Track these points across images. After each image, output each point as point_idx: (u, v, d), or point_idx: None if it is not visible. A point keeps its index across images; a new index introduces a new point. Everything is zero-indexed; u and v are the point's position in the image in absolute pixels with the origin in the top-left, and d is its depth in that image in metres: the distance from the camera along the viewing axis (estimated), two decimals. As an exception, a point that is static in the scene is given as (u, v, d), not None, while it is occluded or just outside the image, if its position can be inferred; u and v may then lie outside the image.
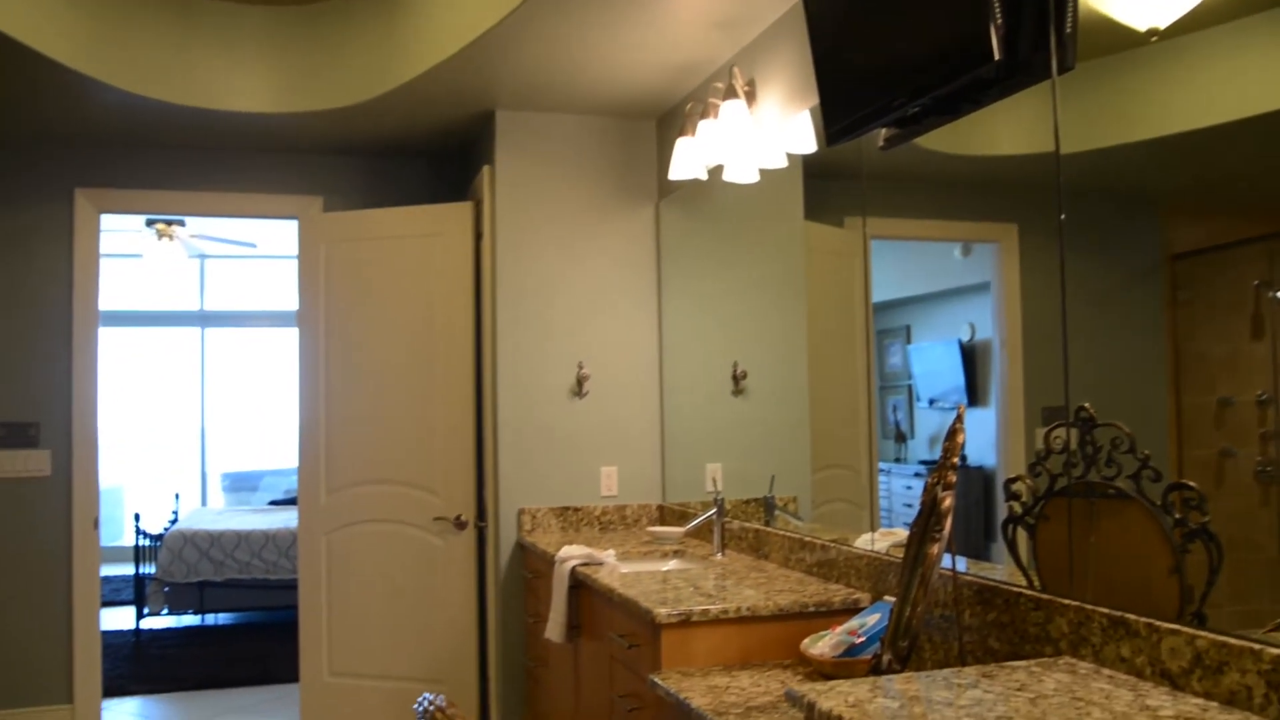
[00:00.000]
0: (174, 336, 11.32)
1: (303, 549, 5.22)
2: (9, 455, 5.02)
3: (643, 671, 2.99)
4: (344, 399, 5.13)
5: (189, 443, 11.38)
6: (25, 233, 5.09)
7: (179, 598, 7.59)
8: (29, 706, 5.01)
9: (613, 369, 4.84)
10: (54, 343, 5.11)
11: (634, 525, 4.82)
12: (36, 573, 5.04)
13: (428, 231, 5.01)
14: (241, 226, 9.06)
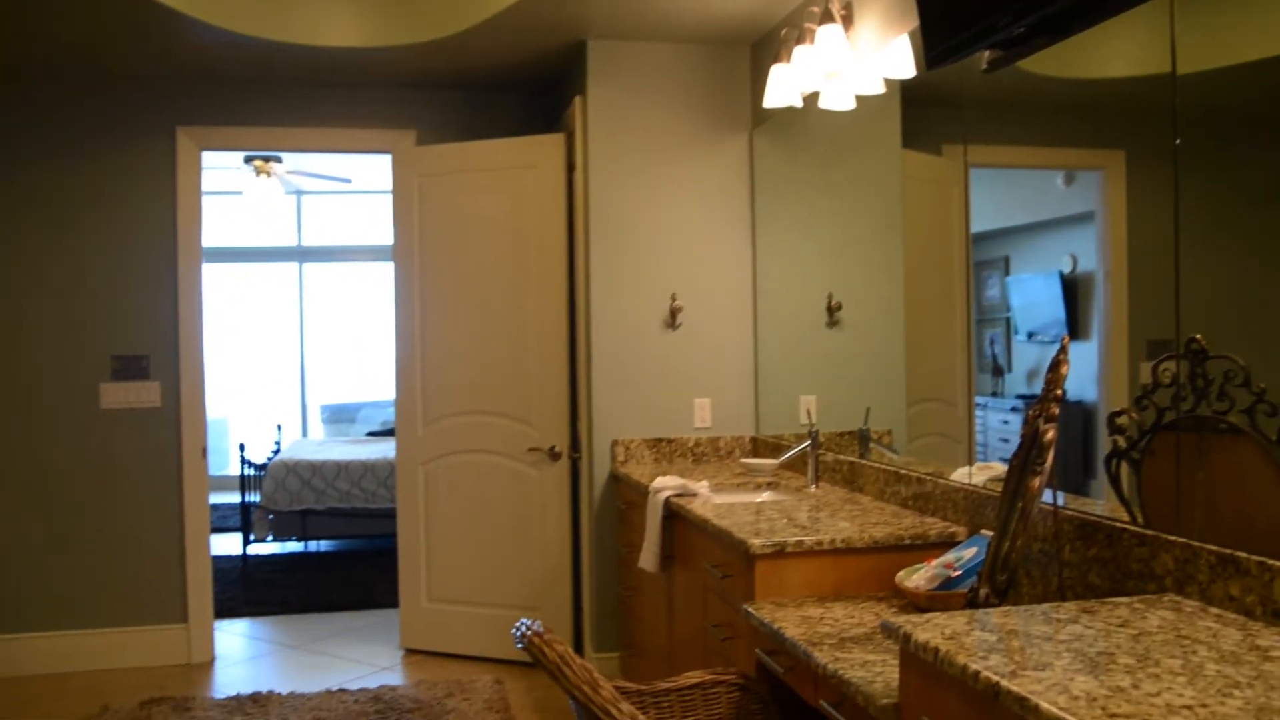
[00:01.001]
0: (273, 272, 11.56)
1: (401, 479, 5.35)
2: (122, 387, 5.20)
3: (736, 601, 3.01)
4: (439, 332, 5.21)
5: (289, 376, 11.67)
6: (131, 171, 5.22)
7: (283, 525, 7.85)
8: (149, 625, 5.25)
9: (706, 300, 4.82)
10: (161, 278, 5.25)
11: (727, 457, 4.83)
12: (151, 500, 5.24)
13: (520, 164, 5.02)
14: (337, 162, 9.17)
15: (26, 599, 5.15)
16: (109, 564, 5.21)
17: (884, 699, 2.00)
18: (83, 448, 5.18)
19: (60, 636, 5.17)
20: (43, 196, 5.14)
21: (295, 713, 4.45)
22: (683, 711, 2.69)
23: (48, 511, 5.16)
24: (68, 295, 5.16)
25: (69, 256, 5.17)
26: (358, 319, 11.54)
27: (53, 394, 5.15)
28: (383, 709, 4.44)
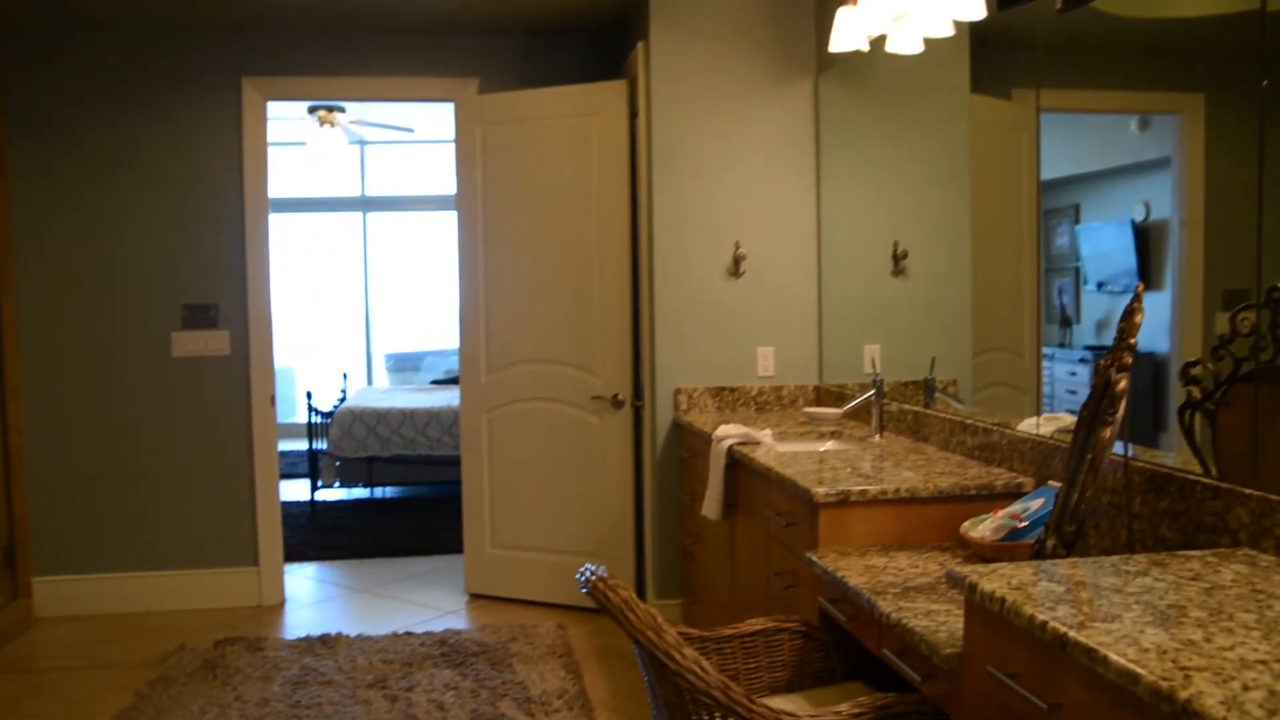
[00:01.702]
0: (337, 222, 11.67)
1: (464, 427, 5.40)
2: (192, 335, 5.30)
3: (799, 550, 3.02)
4: (502, 281, 5.23)
5: (354, 325, 11.81)
6: (198, 123, 5.28)
7: (349, 472, 7.98)
8: (222, 567, 5.39)
9: (770, 248, 4.78)
10: (229, 229, 5.32)
11: (790, 406, 4.82)
12: (223, 446, 5.36)
13: (582, 111, 5.00)
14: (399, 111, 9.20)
15: (108, 541, 5.30)
16: (183, 508, 5.35)
17: (948, 648, 2.00)
18: (156, 396, 5.30)
19: (139, 577, 5.32)
20: (114, 150, 5.22)
21: (363, 654, 4.55)
22: (745, 658, 2.70)
23: (125, 458, 5.30)
24: (139, 246, 5.26)
25: (140, 208, 5.25)
26: (421, 268, 11.63)
27: (127, 342, 5.27)
28: (448, 652, 4.52)
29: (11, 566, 5.21)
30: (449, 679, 4.22)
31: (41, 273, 5.20)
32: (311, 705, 4.00)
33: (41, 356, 5.21)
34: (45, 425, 5.24)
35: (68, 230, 5.21)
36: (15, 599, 5.18)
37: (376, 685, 4.19)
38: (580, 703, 3.97)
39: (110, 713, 4.02)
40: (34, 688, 4.33)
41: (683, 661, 2.10)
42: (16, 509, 5.20)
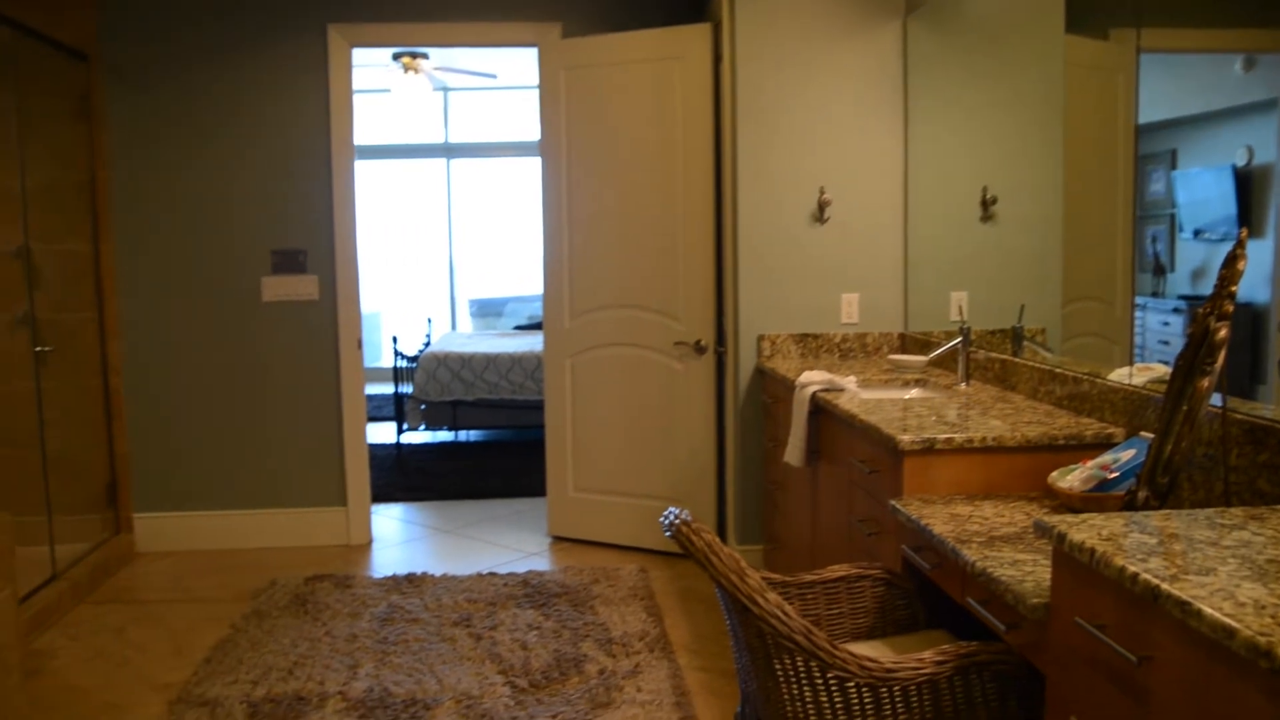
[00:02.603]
0: (421, 168, 11.76)
1: (548, 372, 5.45)
2: (282, 280, 5.40)
3: (882, 497, 3.00)
4: (586, 226, 5.24)
5: (438, 271, 11.94)
6: (284, 69, 5.34)
7: (434, 415, 8.11)
8: (312, 507, 5.54)
9: (855, 194, 4.72)
10: (315, 175, 5.39)
11: (874, 353, 4.77)
12: (312, 389, 5.48)
13: (666, 55, 4.95)
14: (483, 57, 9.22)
15: (203, 480, 5.47)
16: (275, 450, 5.49)
17: (1034, 598, 1.98)
18: (248, 340, 5.43)
19: (233, 515, 5.49)
20: (205, 99, 5.30)
21: (448, 593, 4.65)
22: (827, 604, 2.71)
23: (220, 401, 5.45)
24: (230, 192, 5.36)
25: (231, 155, 5.34)
26: (504, 214, 11.69)
27: (219, 287, 5.39)
28: (531, 592, 4.60)
29: (114, 503, 5.41)
30: (532, 619, 4.30)
31: (138, 220, 5.33)
32: (398, 641, 4.10)
33: (139, 301, 5.37)
34: (143, 368, 5.40)
35: (162, 178, 5.32)
36: (118, 534, 5.39)
37: (461, 623, 4.28)
38: (661, 645, 4.02)
39: (208, 643, 4.17)
40: (137, 617, 4.51)
41: (766, 606, 2.11)
42: (118, 448, 5.39)
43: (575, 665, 3.84)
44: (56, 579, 4.65)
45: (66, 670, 3.98)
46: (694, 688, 3.68)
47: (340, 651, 4.03)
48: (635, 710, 3.48)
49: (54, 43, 4.90)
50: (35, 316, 5.09)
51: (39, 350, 4.97)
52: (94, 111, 5.22)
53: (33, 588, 4.45)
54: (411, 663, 3.90)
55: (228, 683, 3.76)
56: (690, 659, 3.93)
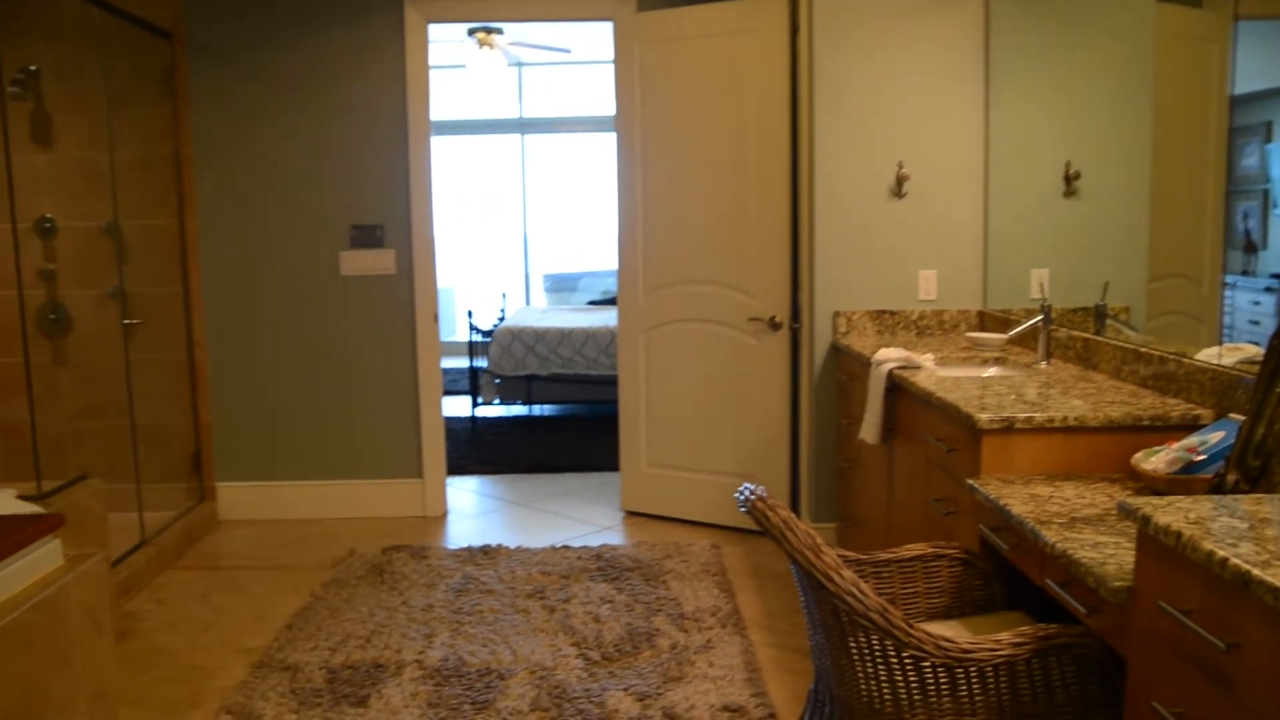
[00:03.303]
0: (496, 144, 11.82)
1: (622, 347, 5.46)
2: (361, 255, 5.47)
3: (960, 476, 2.97)
4: (660, 201, 5.22)
5: (513, 246, 12.01)
6: (362, 46, 5.38)
7: (508, 389, 8.18)
8: (388, 478, 5.62)
9: (934, 168, 4.64)
10: (392, 150, 5.44)
11: (952, 331, 4.71)
12: (390, 363, 5.55)
13: (742, 28, 4.91)
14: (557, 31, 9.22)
15: (283, 451, 5.58)
16: (353, 422, 5.58)
17: (1116, 581, 1.94)
18: (327, 314, 5.51)
19: (312, 486, 5.60)
20: (285, 75, 5.38)
21: (522, 565, 4.70)
22: (902, 582, 2.69)
23: (299, 373, 5.55)
24: (309, 167, 5.43)
25: (309, 131, 5.41)
26: (578, 190, 11.71)
27: (300, 261, 5.48)
28: (604, 566, 4.63)
29: (198, 472, 5.55)
30: (605, 592, 4.33)
31: (220, 195, 5.43)
32: (473, 612, 4.16)
33: (222, 275, 5.47)
34: (226, 341, 5.51)
35: (243, 154, 5.42)
36: (202, 502, 5.53)
37: (535, 595, 4.32)
38: (733, 621, 4.02)
39: (289, 610, 4.27)
40: (220, 583, 4.63)
41: (841, 583, 2.10)
42: (202, 418, 5.52)
43: (647, 639, 3.86)
44: (145, 545, 4.79)
45: (154, 633, 4.10)
46: (766, 664, 3.68)
47: (416, 621, 4.09)
48: (707, 685, 3.49)
49: (140, 22, 5.00)
50: (124, 290, 5.23)
51: (128, 323, 5.11)
52: (178, 89, 5.33)
53: (123, 552, 4.59)
54: (486, 633, 3.95)
55: (308, 649, 3.85)
56: (762, 635, 3.93)
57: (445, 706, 3.37)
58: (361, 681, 3.56)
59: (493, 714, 3.32)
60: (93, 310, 5.38)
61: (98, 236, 5.32)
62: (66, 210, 5.31)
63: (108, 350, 5.27)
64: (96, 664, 3.25)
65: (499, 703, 3.39)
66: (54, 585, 3.04)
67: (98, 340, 5.36)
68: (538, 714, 3.32)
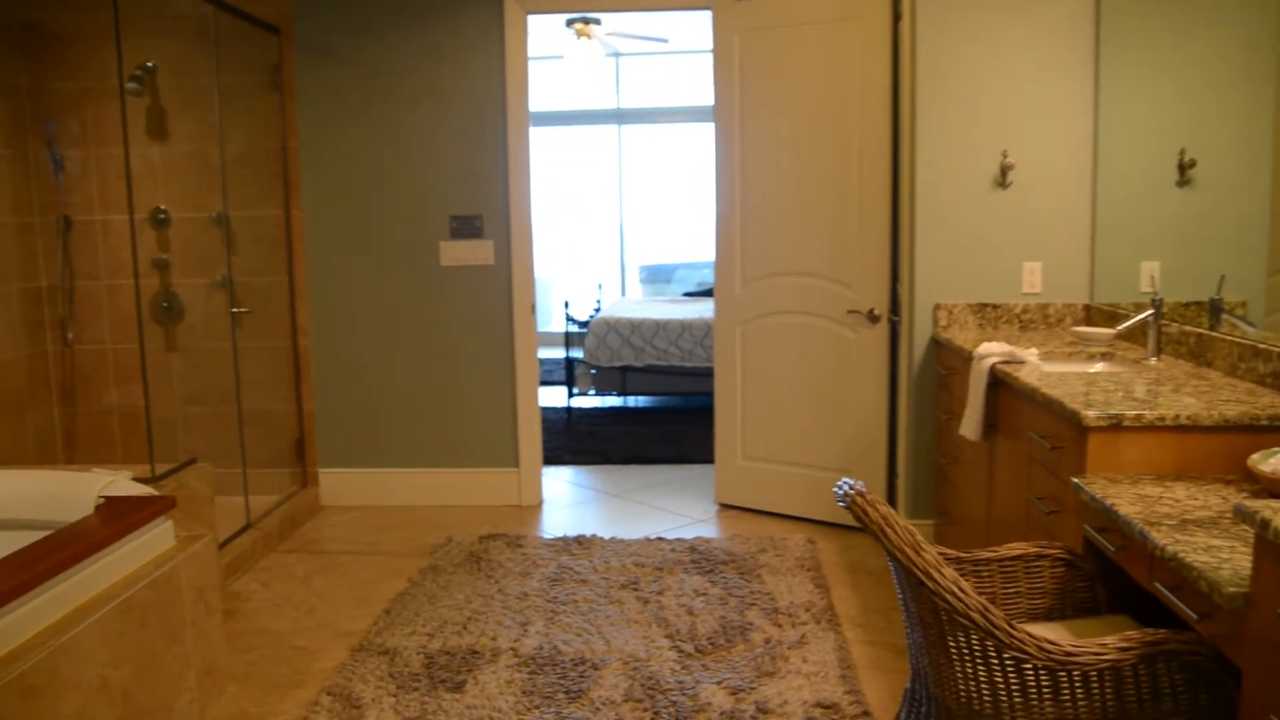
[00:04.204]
0: (592, 134, 11.87)
1: (718, 338, 5.44)
2: (460, 245, 5.54)
3: (1064, 474, 2.89)
4: (759, 192, 5.19)
5: (609, 237, 12.05)
6: (462, 38, 5.43)
7: (604, 380, 8.22)
8: (485, 467, 5.69)
9: (1040, 158, 4.53)
10: (491, 141, 5.49)
11: (1056, 325, 4.59)
12: (487, 353, 5.61)
13: (843, 15, 4.84)
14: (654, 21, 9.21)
15: (383, 439, 5.69)
16: (451, 411, 5.65)
17: (1231, 587, 1.87)
18: (426, 303, 5.59)
19: (410, 474, 5.69)
20: (387, 68, 5.45)
21: (616, 556, 4.72)
22: (1003, 582, 2.63)
23: (399, 363, 5.64)
24: (410, 159, 5.51)
25: (411, 123, 5.49)
26: (674, 180, 11.70)
27: (400, 252, 5.57)
28: (698, 559, 4.62)
29: (301, 458, 5.68)
30: (698, 585, 4.32)
31: (324, 186, 5.54)
32: (568, 601, 4.18)
33: (325, 265, 5.59)
34: (329, 329, 5.63)
35: (347, 146, 5.52)
36: (304, 487, 5.66)
37: (629, 586, 4.34)
38: (827, 616, 3.99)
39: (388, 594, 4.35)
40: (321, 567, 4.73)
41: (942, 581, 2.06)
42: (305, 405, 5.65)
43: (741, 633, 3.85)
44: (250, 528, 4.92)
45: (258, 613, 4.21)
46: (860, 661, 3.64)
47: (512, 609, 4.13)
48: (800, 681, 3.46)
49: (251, 18, 5.13)
50: (232, 279, 5.38)
51: (235, 311, 5.25)
52: (285, 83, 5.45)
53: (229, 535, 4.73)
54: (580, 623, 3.98)
55: (406, 634, 3.91)
56: (857, 632, 3.89)
57: (539, 694, 3.40)
58: (458, 667, 3.61)
59: (586, 703, 3.34)
60: (203, 299, 5.55)
61: (208, 227, 5.48)
62: (179, 202, 5.48)
63: (216, 338, 5.43)
64: (206, 641, 3.35)
65: (592, 692, 3.41)
66: (167, 564, 3.15)
67: (207, 328, 5.53)
68: (631, 705, 3.33)
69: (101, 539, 2.92)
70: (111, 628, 2.81)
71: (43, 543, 2.85)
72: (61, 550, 2.78)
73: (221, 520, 4.56)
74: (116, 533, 2.99)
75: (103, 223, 5.47)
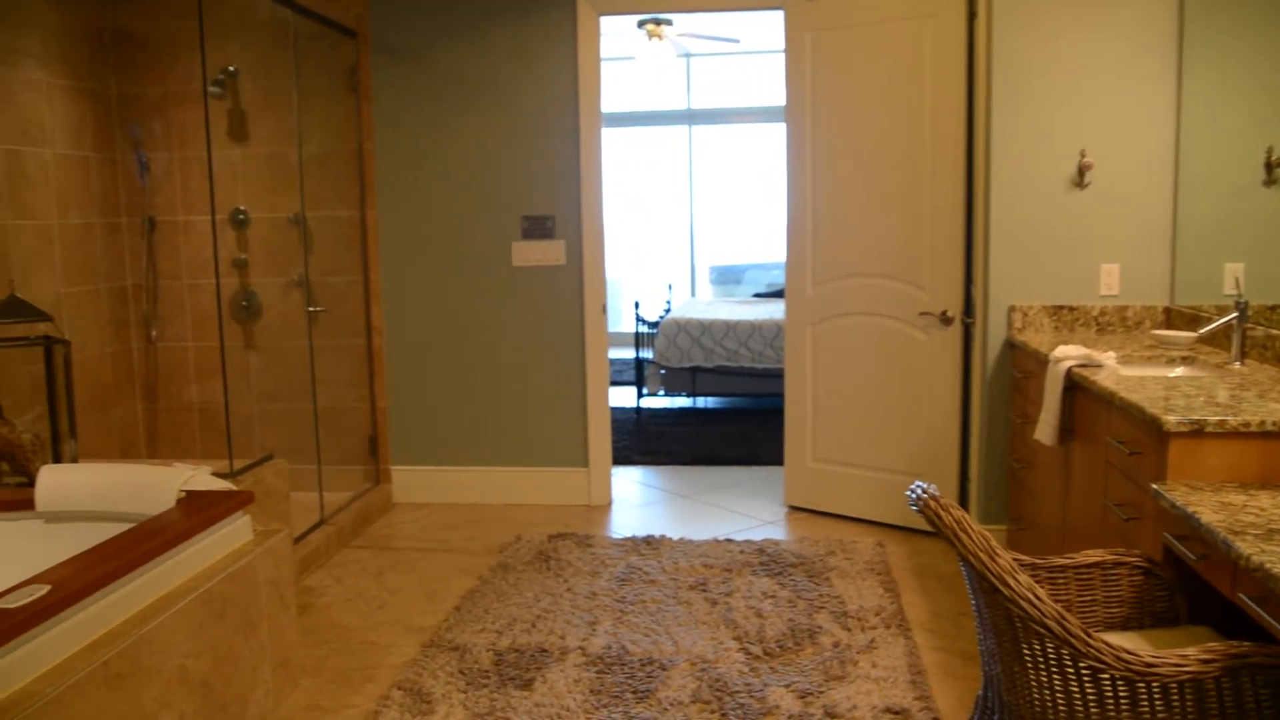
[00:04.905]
0: (663, 135, 11.87)
1: (789, 339, 5.41)
2: (532, 245, 5.58)
3: (1143, 481, 2.83)
4: (830, 192, 5.15)
5: (679, 237, 12.05)
6: (534, 40, 5.47)
7: (673, 381, 8.22)
8: (555, 466, 5.72)
9: (1119, 156, 4.44)
10: (563, 142, 5.52)
11: (1135, 328, 4.50)
12: (557, 353, 5.64)
13: (917, 13, 4.79)
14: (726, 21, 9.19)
15: (455, 437, 5.74)
16: (522, 410, 5.69)
17: (1320, 598, 1.82)
18: (498, 303, 5.63)
19: (481, 472, 5.74)
20: (460, 70, 5.50)
21: (685, 557, 4.72)
22: (1079, 590, 2.58)
23: (471, 361, 5.69)
24: (483, 160, 5.56)
25: (484, 124, 5.53)
26: (744, 181, 11.67)
27: (473, 252, 5.62)
28: (766, 561, 4.60)
29: (374, 455, 5.76)
30: (767, 587, 4.31)
31: (399, 187, 5.61)
32: (636, 601, 4.19)
33: (399, 265, 5.66)
34: (402, 329, 5.70)
35: (421, 147, 5.58)
36: (377, 484, 5.74)
37: (697, 587, 4.33)
38: (897, 621, 3.95)
39: (458, 591, 4.39)
40: (393, 563, 4.80)
41: (1016, 588, 2.03)
42: (378, 403, 5.73)
43: (810, 636, 3.82)
44: (323, 524, 5.01)
45: (331, 608, 4.28)
46: (930, 667, 3.59)
47: (580, 608, 4.15)
48: (869, 686, 3.43)
49: (329, 22, 5.21)
50: (309, 279, 5.47)
51: (311, 310, 5.34)
52: (361, 85, 5.53)
53: (304, 530, 4.81)
54: (648, 623, 3.98)
55: (475, 630, 3.95)
56: (927, 638, 3.84)
57: (607, 694, 3.41)
58: (526, 665, 3.63)
59: (654, 704, 3.35)
60: (280, 298, 5.66)
61: (285, 227, 5.58)
62: (257, 203, 5.60)
63: (293, 336, 5.54)
64: (280, 634, 3.41)
65: (660, 693, 3.42)
66: (244, 558, 3.21)
67: (284, 326, 5.64)
68: (698, 706, 3.33)
69: (183, 532, 2.99)
70: (192, 619, 2.88)
71: (128, 534, 2.92)
72: (146, 542, 2.85)
73: (296, 516, 4.64)
74: (197, 526, 3.06)
75: (185, 223, 5.60)
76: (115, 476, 3.41)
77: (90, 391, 5.19)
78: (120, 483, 3.35)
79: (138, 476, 3.37)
